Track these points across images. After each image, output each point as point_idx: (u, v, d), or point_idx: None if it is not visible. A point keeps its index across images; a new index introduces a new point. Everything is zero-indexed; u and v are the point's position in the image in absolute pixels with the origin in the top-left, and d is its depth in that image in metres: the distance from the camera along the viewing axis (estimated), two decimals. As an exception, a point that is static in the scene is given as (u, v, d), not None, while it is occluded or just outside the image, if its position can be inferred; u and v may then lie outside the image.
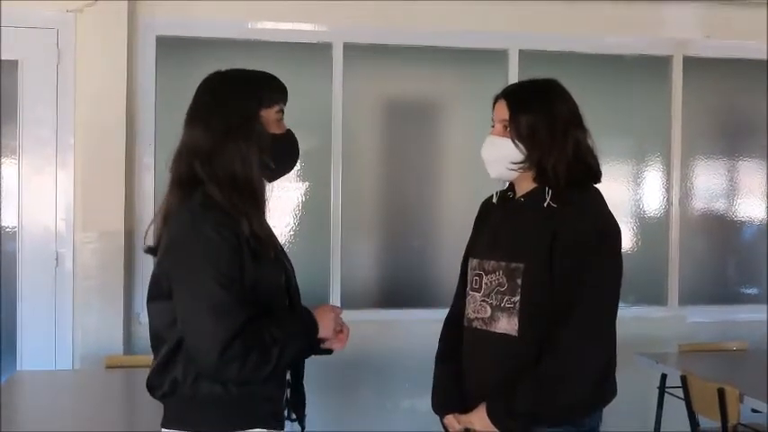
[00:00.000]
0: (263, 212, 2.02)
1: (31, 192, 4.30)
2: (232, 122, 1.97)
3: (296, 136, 2.11)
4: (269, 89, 2.06)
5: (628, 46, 4.79)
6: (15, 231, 4.31)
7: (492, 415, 2.17)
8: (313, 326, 2.02)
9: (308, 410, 2.14)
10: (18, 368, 4.12)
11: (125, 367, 3.56)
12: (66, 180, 4.29)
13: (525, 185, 2.29)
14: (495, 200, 2.40)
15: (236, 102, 2.01)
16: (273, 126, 2.04)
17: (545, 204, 2.22)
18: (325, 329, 2.04)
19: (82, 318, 4.24)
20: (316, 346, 2.06)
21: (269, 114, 2.03)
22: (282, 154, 2.08)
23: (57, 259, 4.30)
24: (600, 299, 2.18)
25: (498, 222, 2.33)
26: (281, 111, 2.07)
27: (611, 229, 2.23)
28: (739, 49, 4.87)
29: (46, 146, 4.30)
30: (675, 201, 4.89)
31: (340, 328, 2.10)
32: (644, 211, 4.92)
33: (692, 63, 4.87)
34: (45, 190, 4.30)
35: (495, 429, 2.17)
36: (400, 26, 4.57)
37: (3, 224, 4.32)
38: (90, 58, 4.24)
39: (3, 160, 4.31)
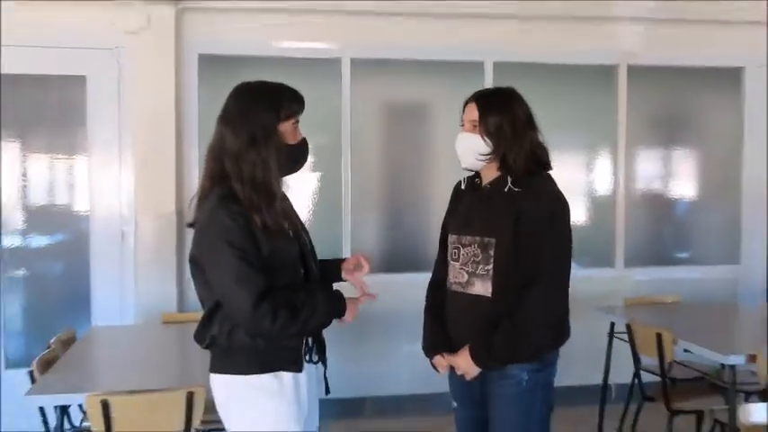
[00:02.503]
0: (278, 204, 1.99)
1: (99, 182, 4.31)
2: (256, 133, 1.94)
3: (307, 142, 2.08)
4: (288, 103, 2.01)
5: (582, 57, 4.76)
6: (88, 214, 4.33)
7: (475, 356, 2.18)
8: (341, 308, 2.05)
9: (328, 354, 2.15)
10: (92, 324, 4.16)
11: (178, 322, 3.57)
12: (128, 172, 4.30)
13: (490, 174, 2.28)
14: (463, 186, 2.40)
15: (259, 115, 1.96)
16: (290, 136, 2.01)
17: (506, 189, 2.21)
18: (350, 315, 2.07)
19: (142, 283, 4.26)
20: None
21: (286, 126, 2.00)
22: (295, 159, 2.06)
23: (121, 236, 4.33)
24: (557, 262, 2.19)
25: (471, 205, 2.32)
26: (297, 121, 2.03)
27: (563, 206, 2.23)
28: (674, 59, 4.85)
29: (110, 145, 4.30)
30: (621, 182, 4.89)
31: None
32: (596, 191, 4.92)
33: (634, 71, 4.85)
34: (110, 181, 4.32)
35: (477, 368, 2.19)
36: (397, 44, 4.54)
37: (77, 209, 4.34)
38: (145, 72, 4.24)
39: (75, 157, 4.32)
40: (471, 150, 2.25)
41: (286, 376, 1.99)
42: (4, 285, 4.21)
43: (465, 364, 2.21)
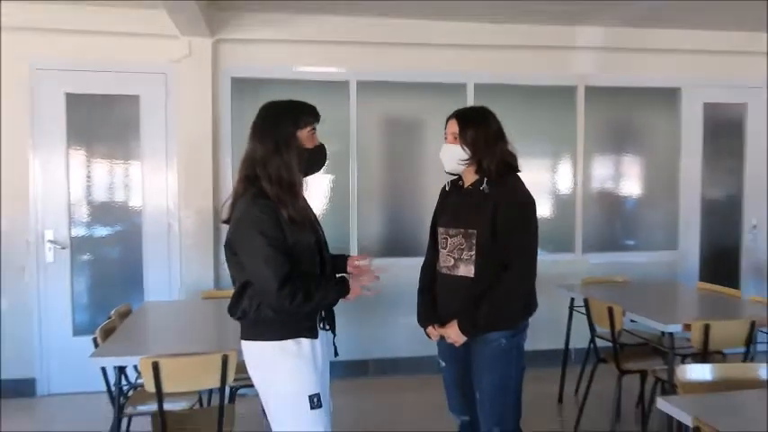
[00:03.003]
0: (301, 199, 1.99)
1: (150, 184, 4.31)
2: (279, 141, 1.95)
3: (325, 146, 2.07)
4: (304, 114, 2.02)
5: (547, 79, 4.75)
6: (140, 210, 4.33)
7: (462, 327, 2.20)
8: (346, 291, 2.04)
9: (337, 323, 2.15)
10: (145, 299, 4.17)
11: (215, 298, 3.58)
12: (173, 176, 4.31)
13: (469, 177, 2.30)
14: (447, 188, 2.42)
15: (281, 126, 1.98)
16: (307, 141, 2.01)
17: (482, 188, 2.23)
18: (352, 295, 2.06)
19: (185, 266, 4.28)
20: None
21: (303, 133, 2.00)
22: (314, 161, 2.06)
23: (168, 228, 4.33)
24: (527, 247, 2.20)
25: (455, 203, 2.34)
26: (314, 129, 2.03)
27: (530, 202, 2.24)
28: (624, 80, 4.83)
29: (159, 153, 4.31)
30: (579, 182, 4.88)
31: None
32: (559, 190, 4.91)
33: (590, 91, 4.83)
34: (159, 182, 4.32)
35: (464, 337, 2.21)
36: (395, 68, 4.54)
37: (132, 205, 4.35)
38: (187, 92, 4.24)
39: (131, 163, 4.32)
40: (453, 157, 2.27)
41: (304, 341, 2.00)
42: (74, 267, 4.23)
43: (454, 334, 2.23)
